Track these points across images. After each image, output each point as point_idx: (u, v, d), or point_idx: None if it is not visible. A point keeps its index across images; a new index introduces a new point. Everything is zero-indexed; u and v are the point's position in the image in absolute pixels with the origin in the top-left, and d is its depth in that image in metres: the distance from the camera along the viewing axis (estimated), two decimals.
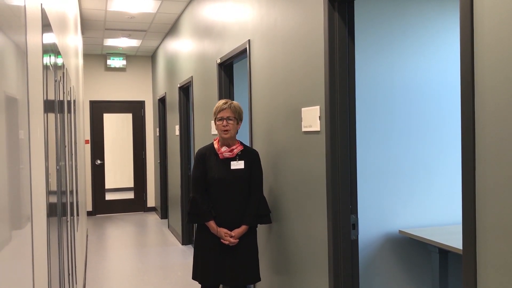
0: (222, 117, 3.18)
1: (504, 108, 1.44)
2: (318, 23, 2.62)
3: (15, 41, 1.00)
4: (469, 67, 1.56)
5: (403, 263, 3.38)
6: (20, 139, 1.04)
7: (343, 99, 2.50)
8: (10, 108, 0.93)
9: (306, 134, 2.80)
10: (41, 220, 1.37)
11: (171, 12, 6.46)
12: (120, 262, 5.98)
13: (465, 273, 1.60)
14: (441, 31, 3.43)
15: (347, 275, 2.52)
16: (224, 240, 3.15)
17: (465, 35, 1.57)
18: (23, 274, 1.03)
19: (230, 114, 3.19)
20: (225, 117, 3.17)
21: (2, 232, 0.83)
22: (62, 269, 2.01)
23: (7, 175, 0.88)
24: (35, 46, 1.35)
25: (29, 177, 1.14)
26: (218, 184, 3.18)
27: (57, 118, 1.99)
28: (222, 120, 3.18)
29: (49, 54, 1.72)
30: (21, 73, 1.07)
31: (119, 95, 9.64)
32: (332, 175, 2.51)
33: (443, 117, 3.44)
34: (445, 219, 3.44)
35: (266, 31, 3.39)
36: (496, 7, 1.46)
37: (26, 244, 1.08)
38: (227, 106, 3.20)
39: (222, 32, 4.53)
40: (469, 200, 1.58)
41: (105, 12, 6.42)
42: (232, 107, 3.21)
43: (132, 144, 9.80)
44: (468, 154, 1.57)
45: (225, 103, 3.22)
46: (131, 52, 9.39)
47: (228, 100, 3.26)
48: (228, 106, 3.20)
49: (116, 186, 9.98)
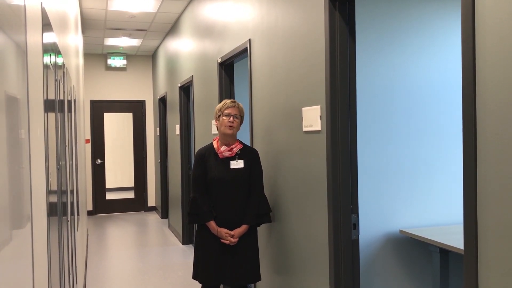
0: (229, 114, 3.24)
1: (506, 107, 1.43)
2: (318, 23, 2.62)
3: (15, 41, 1.00)
4: (470, 66, 1.55)
5: (404, 262, 3.37)
6: (21, 138, 1.03)
7: (343, 99, 2.50)
8: (10, 107, 0.93)
9: (307, 134, 2.80)
10: (42, 219, 1.36)
11: (171, 11, 6.46)
12: (120, 262, 5.98)
13: (467, 273, 1.60)
14: (442, 29, 3.43)
15: (348, 275, 2.52)
16: (225, 240, 3.15)
17: (466, 34, 1.57)
18: (23, 274, 1.03)
19: (237, 113, 3.28)
20: (233, 114, 3.25)
21: (3, 231, 0.82)
22: (62, 269, 2.00)
23: (7, 174, 0.88)
24: (35, 45, 1.34)
25: (29, 177, 1.14)
26: (218, 184, 3.19)
27: (58, 117, 1.99)
28: (229, 116, 3.24)
29: (49, 54, 1.71)
30: (21, 73, 1.07)
31: (119, 94, 9.64)
32: (332, 175, 2.51)
33: (444, 116, 3.44)
34: (446, 219, 3.43)
35: (266, 31, 3.39)
36: (498, 6, 1.45)
37: (26, 244, 1.08)
38: (235, 105, 3.30)
39: (222, 32, 4.53)
40: (470, 200, 1.57)
41: (106, 12, 6.42)
42: (239, 107, 3.32)
43: (133, 144, 9.80)
44: (470, 153, 1.57)
45: (233, 102, 3.31)
46: (132, 52, 9.39)
47: (235, 100, 3.36)
48: (236, 105, 3.30)
49: (117, 185, 9.99)
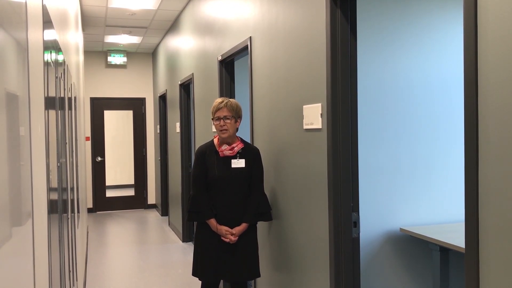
0: (219, 117, 3.14)
1: (508, 106, 1.43)
2: (320, 20, 2.61)
3: (16, 38, 0.99)
4: (472, 65, 1.55)
5: (404, 261, 3.37)
6: (21, 135, 1.03)
7: (345, 97, 2.50)
8: (11, 104, 0.92)
9: (308, 132, 2.80)
10: (42, 217, 1.36)
11: (172, 9, 6.45)
12: (120, 259, 5.99)
13: (468, 272, 1.60)
14: (444, 28, 3.42)
15: (348, 273, 2.52)
16: (225, 238, 3.15)
17: (468, 33, 1.56)
18: (24, 271, 1.03)
19: (227, 113, 3.15)
20: (222, 116, 3.13)
21: (3, 229, 0.82)
22: (62, 266, 2.00)
23: (8, 172, 0.88)
24: (36, 42, 1.34)
25: (30, 174, 1.14)
26: (219, 183, 3.18)
27: (58, 115, 1.99)
28: (219, 120, 3.14)
29: (50, 51, 1.71)
30: (22, 70, 1.07)
31: (119, 92, 9.63)
32: (333, 173, 2.51)
33: (445, 114, 3.43)
34: (446, 217, 3.43)
35: (267, 28, 3.38)
36: (500, 4, 1.45)
37: (27, 241, 1.08)
38: (223, 105, 3.15)
39: (223, 29, 4.52)
40: (471, 198, 1.57)
41: (106, 9, 6.41)
42: (228, 105, 3.16)
43: (133, 141, 9.80)
44: (471, 151, 1.57)
45: (221, 102, 3.17)
46: (132, 49, 9.38)
47: (225, 98, 3.22)
48: (224, 104, 3.15)
49: (117, 183, 9.98)
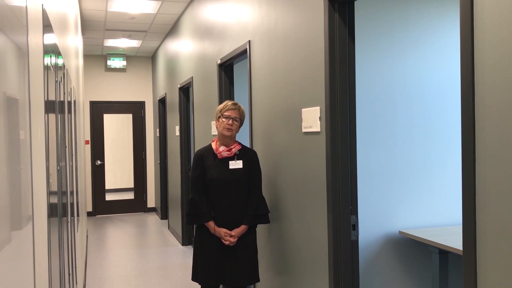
0: (229, 116, 3.22)
1: (505, 108, 1.44)
2: (318, 24, 2.62)
3: (17, 42, 1.00)
4: (469, 66, 1.56)
5: (403, 263, 3.38)
6: (21, 139, 1.04)
7: (343, 100, 2.50)
8: (11, 108, 0.93)
9: (306, 135, 2.80)
10: (42, 220, 1.37)
11: (171, 12, 6.47)
12: (120, 263, 5.98)
13: (466, 274, 1.60)
14: (441, 30, 3.44)
15: (347, 276, 2.52)
16: (224, 240, 3.16)
17: (465, 35, 1.57)
18: (24, 274, 1.04)
19: (237, 116, 3.25)
20: (232, 116, 3.22)
21: (3, 232, 0.83)
22: (62, 269, 2.01)
23: (8, 175, 0.88)
24: (36, 46, 1.35)
25: (30, 178, 1.14)
26: (217, 184, 3.19)
27: (58, 118, 1.99)
28: (228, 118, 3.21)
29: (50, 55, 1.72)
30: (22, 74, 1.07)
31: (119, 95, 9.64)
32: (332, 176, 2.51)
33: (443, 117, 3.44)
34: (445, 220, 3.44)
35: (266, 32, 3.40)
36: (496, 6, 1.46)
37: (27, 244, 1.08)
38: (236, 108, 3.26)
39: (222, 33, 4.54)
40: (469, 201, 1.58)
41: (105, 13, 6.42)
42: (240, 109, 3.28)
43: (132, 145, 9.80)
44: (468, 154, 1.57)
45: (234, 104, 3.27)
46: (131, 53, 9.40)
47: (237, 102, 3.32)
48: (237, 108, 3.26)
49: (116, 186, 9.98)
